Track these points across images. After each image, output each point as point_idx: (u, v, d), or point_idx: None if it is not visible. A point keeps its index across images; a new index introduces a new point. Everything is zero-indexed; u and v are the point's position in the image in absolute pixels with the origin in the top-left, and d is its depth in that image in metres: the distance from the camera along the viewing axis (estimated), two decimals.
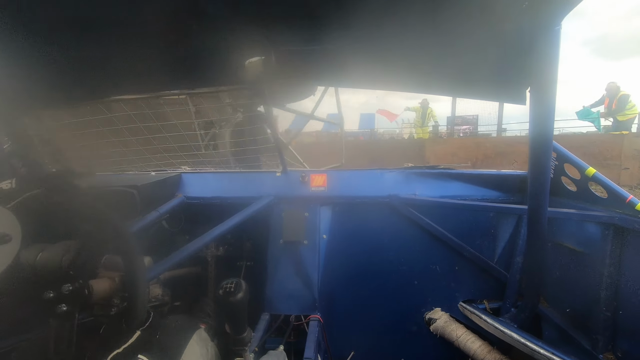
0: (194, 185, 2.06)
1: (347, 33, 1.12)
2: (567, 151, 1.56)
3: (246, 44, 1.18)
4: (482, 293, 1.97)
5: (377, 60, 1.34)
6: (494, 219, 1.93)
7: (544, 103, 1.10)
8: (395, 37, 1.13)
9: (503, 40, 1.11)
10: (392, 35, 1.12)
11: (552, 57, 1.02)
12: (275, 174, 2.03)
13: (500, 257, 1.91)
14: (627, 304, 1.32)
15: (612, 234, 1.35)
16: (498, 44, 1.13)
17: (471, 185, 1.94)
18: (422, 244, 1.96)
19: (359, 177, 2.00)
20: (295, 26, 1.10)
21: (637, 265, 1.28)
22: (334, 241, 1.97)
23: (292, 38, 1.17)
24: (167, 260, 1.49)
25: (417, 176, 1.97)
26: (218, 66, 1.41)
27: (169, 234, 2.03)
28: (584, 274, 1.49)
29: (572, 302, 1.58)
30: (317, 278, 1.83)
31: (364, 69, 1.39)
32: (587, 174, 1.46)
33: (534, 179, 1.26)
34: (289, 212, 1.93)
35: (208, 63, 1.37)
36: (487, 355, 1.71)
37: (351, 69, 1.40)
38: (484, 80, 1.36)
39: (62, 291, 0.98)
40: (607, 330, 1.37)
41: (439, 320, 1.94)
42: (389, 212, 1.95)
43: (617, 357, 1.34)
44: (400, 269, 1.98)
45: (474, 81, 1.41)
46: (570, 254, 1.58)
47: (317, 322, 1.72)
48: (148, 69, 1.36)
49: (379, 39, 1.15)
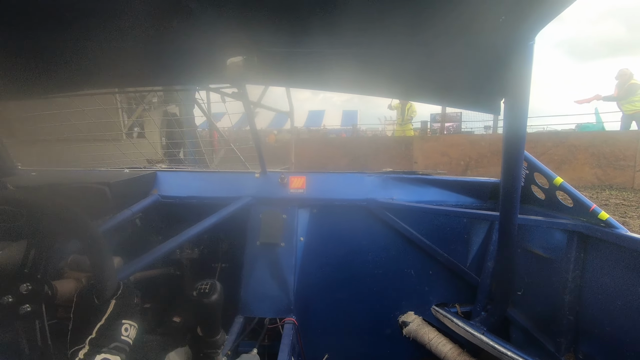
0: (169, 183, 2.01)
1: (331, 38, 1.13)
2: (537, 161, 1.63)
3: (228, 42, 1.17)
4: (454, 297, 2.02)
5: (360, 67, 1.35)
6: (468, 224, 1.98)
7: (517, 114, 1.14)
8: (379, 44, 1.15)
9: (480, 54, 1.14)
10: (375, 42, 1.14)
11: (526, 70, 1.06)
12: (254, 175, 2.01)
13: (472, 262, 1.96)
14: (588, 308, 1.38)
15: (576, 241, 1.41)
16: (475, 57, 1.16)
17: (447, 191, 1.99)
18: (398, 248, 1.99)
19: (338, 180, 2.01)
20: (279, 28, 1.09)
21: (599, 271, 1.34)
22: (311, 244, 1.97)
23: (276, 40, 1.17)
24: (139, 261, 1.44)
25: (395, 181, 2.01)
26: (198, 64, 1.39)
27: (142, 234, 1.97)
28: (550, 279, 1.55)
29: (539, 307, 1.64)
30: (293, 281, 1.83)
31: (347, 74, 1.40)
32: (555, 183, 1.52)
33: (505, 186, 1.31)
34: (266, 213, 1.92)
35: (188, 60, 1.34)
36: (457, 358, 1.75)
37: (334, 73, 1.41)
38: (462, 90, 1.40)
39: (20, 292, 0.93)
40: (570, 333, 1.43)
41: (412, 323, 1.97)
42: (366, 216, 1.97)
43: (579, 358, 1.40)
44: (376, 273, 2.01)
45: (452, 90, 1.45)
46: (538, 260, 1.65)
47: (292, 325, 1.71)
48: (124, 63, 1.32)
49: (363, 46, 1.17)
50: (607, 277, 1.30)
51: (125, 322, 1.19)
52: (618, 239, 1.24)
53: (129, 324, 1.20)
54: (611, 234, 1.27)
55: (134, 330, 1.22)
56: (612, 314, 1.25)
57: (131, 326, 1.20)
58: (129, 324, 1.20)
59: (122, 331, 1.17)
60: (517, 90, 1.11)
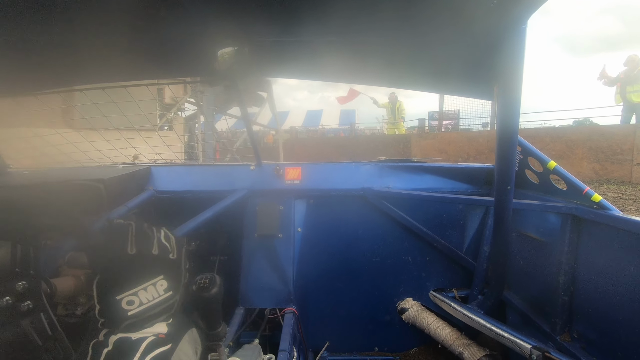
0: (164, 178, 1.99)
1: (322, 27, 1.11)
2: (531, 145, 1.64)
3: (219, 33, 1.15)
4: (451, 282, 2.05)
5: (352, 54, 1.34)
6: (463, 210, 2.00)
7: (510, 99, 1.14)
8: (370, 31, 1.14)
9: (472, 39, 1.13)
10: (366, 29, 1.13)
11: (518, 55, 1.05)
12: (250, 168, 2.00)
13: (469, 247, 1.99)
14: (582, 288, 1.41)
15: (570, 224, 1.43)
16: (467, 42, 1.16)
17: (442, 178, 2.00)
18: (395, 235, 2.01)
19: (334, 170, 2.01)
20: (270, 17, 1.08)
21: (592, 252, 1.37)
22: (308, 234, 1.98)
23: (267, 30, 1.15)
24: None
25: (391, 169, 2.01)
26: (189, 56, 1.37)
27: None
28: (544, 261, 1.57)
29: (534, 288, 1.67)
30: (292, 271, 1.84)
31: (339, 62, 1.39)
32: (549, 167, 1.53)
33: (500, 172, 1.32)
34: (263, 205, 1.92)
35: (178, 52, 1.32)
36: (456, 341, 1.79)
37: (326, 62, 1.40)
38: (454, 76, 1.39)
39: (17, 290, 0.93)
40: (565, 314, 1.46)
41: (410, 309, 2.00)
42: (363, 205, 1.98)
43: (573, 337, 1.43)
44: (374, 260, 2.02)
45: (444, 77, 1.44)
46: (533, 243, 1.67)
47: (292, 315, 1.73)
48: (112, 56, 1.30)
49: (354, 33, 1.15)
50: (601, 257, 1.32)
51: (122, 295, 1.13)
52: (611, 220, 1.26)
53: (130, 294, 1.14)
54: (604, 215, 1.29)
55: (155, 288, 1.17)
56: (605, 293, 1.28)
57: (139, 292, 1.14)
58: (131, 294, 1.14)
59: (123, 307, 1.12)
60: (510, 75, 1.10)
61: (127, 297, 1.13)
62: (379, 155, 2.25)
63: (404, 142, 10.04)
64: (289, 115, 29.11)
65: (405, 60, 1.37)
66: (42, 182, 1.59)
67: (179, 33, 1.15)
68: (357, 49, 1.30)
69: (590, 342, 1.35)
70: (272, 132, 18.49)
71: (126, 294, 1.13)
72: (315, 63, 1.46)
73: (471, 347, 1.73)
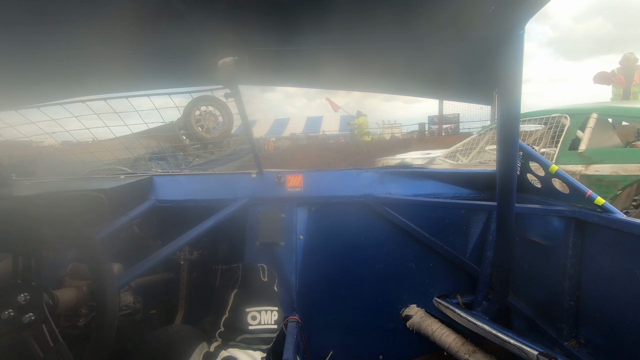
0: (166, 188, 1.99)
1: (320, 35, 1.13)
2: (532, 149, 1.64)
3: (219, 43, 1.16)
4: (455, 288, 2.03)
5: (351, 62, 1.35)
6: (466, 215, 1.99)
7: (510, 104, 1.14)
8: (369, 38, 1.15)
9: (470, 45, 1.14)
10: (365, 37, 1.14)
11: (517, 60, 1.06)
12: (251, 176, 2.00)
13: (472, 253, 1.98)
14: (588, 292, 1.40)
15: (574, 227, 1.42)
16: (466, 48, 1.17)
17: (444, 184, 2.00)
18: (398, 242, 1.99)
19: (335, 177, 2.01)
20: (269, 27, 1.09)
21: (597, 256, 1.36)
22: (310, 242, 1.97)
23: (267, 39, 1.16)
24: (139, 266, 1.44)
25: (392, 175, 2.01)
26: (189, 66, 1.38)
27: (141, 239, 1.96)
28: (548, 266, 1.56)
29: (539, 294, 1.65)
30: (294, 279, 1.83)
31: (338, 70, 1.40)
32: (551, 171, 1.53)
33: (502, 176, 1.31)
34: (264, 213, 1.91)
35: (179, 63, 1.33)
36: (461, 348, 1.77)
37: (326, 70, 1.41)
38: (454, 82, 1.40)
39: (19, 302, 0.92)
40: (571, 319, 1.44)
41: (414, 316, 1.98)
42: (365, 212, 1.97)
43: (580, 343, 1.42)
44: (377, 267, 2.01)
45: (444, 83, 1.45)
46: (537, 248, 1.66)
47: (295, 324, 1.71)
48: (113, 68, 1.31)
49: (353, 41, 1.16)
50: (605, 261, 1.31)
51: (251, 309, 1.26)
52: (615, 223, 1.25)
53: (256, 310, 1.26)
54: (608, 218, 1.28)
55: (271, 314, 1.29)
56: (611, 297, 1.27)
57: (262, 312, 1.27)
58: (256, 311, 1.26)
59: (248, 320, 1.24)
60: (509, 80, 1.11)
61: (253, 312, 1.27)
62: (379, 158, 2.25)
63: (405, 147, 10.18)
64: (289, 122, 29.27)
65: (404, 67, 1.38)
66: (44, 192, 1.59)
67: (180, 44, 1.17)
68: (356, 56, 1.31)
69: (597, 347, 1.33)
70: (273, 139, 18.88)
71: (254, 309, 1.27)
72: (316, 71, 1.47)
73: (477, 355, 1.71)
